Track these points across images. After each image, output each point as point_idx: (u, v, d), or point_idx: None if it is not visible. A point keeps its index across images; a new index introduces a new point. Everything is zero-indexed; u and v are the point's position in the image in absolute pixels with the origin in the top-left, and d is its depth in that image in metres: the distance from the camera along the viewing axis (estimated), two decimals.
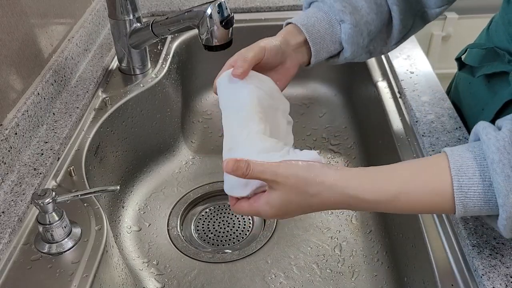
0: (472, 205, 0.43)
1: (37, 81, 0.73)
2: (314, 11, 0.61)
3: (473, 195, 0.42)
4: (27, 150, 0.67)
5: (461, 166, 0.43)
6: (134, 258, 0.78)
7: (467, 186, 0.42)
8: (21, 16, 0.70)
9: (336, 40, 0.61)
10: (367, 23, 0.61)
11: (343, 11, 0.60)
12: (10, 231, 0.55)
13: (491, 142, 0.42)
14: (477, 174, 0.42)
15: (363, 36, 0.61)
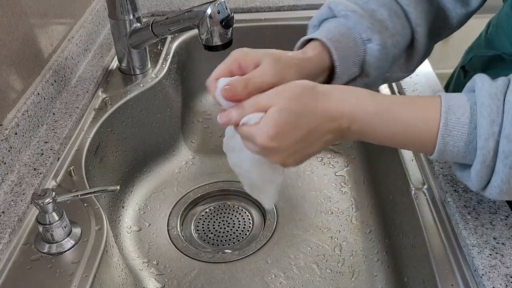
0: (452, 145, 0.44)
1: (37, 81, 0.73)
2: (335, 26, 0.54)
3: (456, 134, 0.43)
4: (27, 150, 0.67)
5: (452, 105, 0.44)
6: (134, 258, 0.78)
7: (453, 125, 0.43)
8: (21, 16, 0.70)
9: (357, 63, 0.55)
10: (393, 45, 0.55)
11: (371, 28, 0.53)
12: (10, 231, 0.55)
13: (485, 88, 0.43)
14: (465, 115, 0.43)
15: (388, 61, 0.56)
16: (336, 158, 0.95)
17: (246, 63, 0.48)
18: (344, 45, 0.53)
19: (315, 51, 0.53)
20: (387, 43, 0.54)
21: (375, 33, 0.53)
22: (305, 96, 0.44)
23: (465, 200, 0.56)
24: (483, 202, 0.56)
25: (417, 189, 0.63)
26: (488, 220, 0.54)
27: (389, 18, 0.54)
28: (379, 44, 0.53)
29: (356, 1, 0.56)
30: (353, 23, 0.54)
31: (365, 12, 0.54)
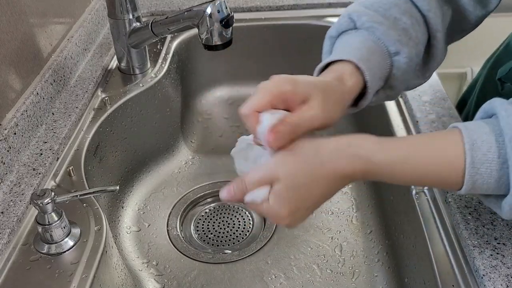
0: (481, 182, 0.41)
1: (36, 80, 0.73)
2: (361, 41, 0.50)
3: (485, 171, 0.40)
4: (26, 150, 0.67)
5: (475, 140, 0.40)
6: (133, 258, 0.77)
7: (480, 162, 0.40)
8: (20, 16, 0.70)
9: (383, 77, 0.51)
10: (417, 55, 0.52)
11: (399, 41, 0.50)
12: (9, 232, 0.55)
13: (511, 118, 0.40)
14: (492, 150, 0.40)
15: (412, 71, 0.53)
16: None
17: (293, 97, 0.44)
18: (373, 63, 0.49)
19: (353, 78, 0.48)
20: (412, 54, 0.51)
21: (403, 45, 0.50)
22: (309, 164, 0.42)
23: (466, 201, 0.56)
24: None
25: (418, 189, 0.63)
26: (489, 220, 0.54)
27: (412, 27, 0.51)
28: (407, 57, 0.50)
29: (377, 9, 0.52)
30: (380, 36, 0.50)
31: (391, 22, 0.51)
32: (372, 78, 0.49)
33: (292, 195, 0.42)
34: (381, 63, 0.50)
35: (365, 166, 0.42)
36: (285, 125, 0.42)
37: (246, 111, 0.44)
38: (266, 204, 0.42)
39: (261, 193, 0.42)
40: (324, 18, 1.01)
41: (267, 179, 0.42)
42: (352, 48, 0.49)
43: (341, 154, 0.42)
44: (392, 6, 0.52)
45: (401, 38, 0.50)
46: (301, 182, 0.42)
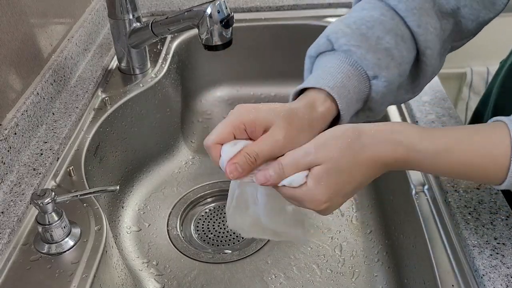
0: None
1: (36, 81, 0.73)
2: (337, 65, 0.48)
3: None
4: (27, 150, 0.67)
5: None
6: (133, 258, 0.77)
7: None
8: (20, 16, 0.70)
9: (360, 99, 0.49)
10: (400, 75, 0.50)
11: (378, 64, 0.48)
12: (9, 231, 0.55)
13: None
14: None
15: (393, 92, 0.51)
16: None
17: (253, 127, 0.44)
18: (348, 88, 0.48)
19: (325, 104, 0.47)
20: (393, 76, 0.49)
21: (382, 69, 0.48)
22: (352, 149, 0.41)
23: (466, 200, 0.56)
24: (484, 202, 0.56)
25: (418, 189, 0.63)
26: (488, 220, 0.54)
27: (395, 46, 0.49)
28: (386, 80, 0.48)
29: (359, 27, 0.50)
30: (358, 59, 0.48)
31: (370, 44, 0.49)
32: (346, 104, 0.47)
33: (333, 180, 0.41)
34: (358, 86, 0.48)
35: (407, 153, 0.41)
36: (242, 156, 0.42)
37: (208, 144, 0.45)
38: (305, 188, 0.41)
39: (300, 176, 0.41)
40: (324, 19, 1.01)
41: (306, 163, 0.41)
42: (327, 73, 0.48)
43: (384, 140, 0.42)
44: (376, 24, 0.50)
45: (380, 61, 0.48)
46: (343, 166, 0.41)
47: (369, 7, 0.52)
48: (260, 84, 1.06)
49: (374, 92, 0.49)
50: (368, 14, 0.51)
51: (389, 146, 0.42)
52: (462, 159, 0.42)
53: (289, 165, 0.42)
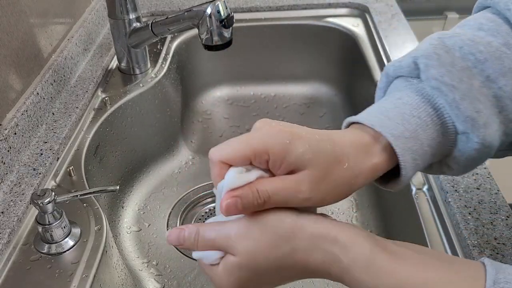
0: None
1: (36, 80, 0.73)
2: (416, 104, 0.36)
3: None
4: (27, 150, 0.67)
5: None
6: (133, 258, 0.77)
7: None
8: (20, 16, 0.70)
9: (438, 154, 0.37)
10: (507, 134, 0.37)
11: (474, 119, 0.34)
12: (9, 231, 0.55)
13: None
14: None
15: (488, 156, 0.38)
16: None
17: (280, 163, 0.33)
18: (422, 140, 0.35)
19: (382, 156, 0.35)
20: (493, 137, 0.35)
21: (478, 126, 0.35)
22: (277, 249, 0.33)
23: (466, 200, 0.56)
24: (484, 202, 0.56)
25: (418, 189, 0.63)
26: (488, 220, 0.54)
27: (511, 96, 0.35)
28: (480, 142, 0.35)
29: (465, 55, 0.36)
30: (446, 105, 0.35)
31: (473, 86, 0.35)
32: (412, 160, 0.35)
33: (244, 275, 0.34)
34: (437, 139, 0.36)
35: (342, 274, 0.32)
36: (250, 192, 0.33)
37: (213, 158, 0.36)
38: (214, 269, 0.36)
39: (212, 256, 0.36)
40: (323, 19, 1.01)
41: (222, 246, 0.35)
42: (398, 114, 0.36)
43: (319, 247, 0.32)
44: (492, 58, 0.35)
45: (479, 114, 0.34)
46: (261, 267, 0.33)
47: (490, 27, 0.37)
48: (260, 84, 1.06)
49: (458, 152, 0.36)
50: (485, 38, 0.36)
51: (322, 256, 0.32)
52: None
53: (204, 240, 0.35)
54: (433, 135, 0.35)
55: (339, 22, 1.00)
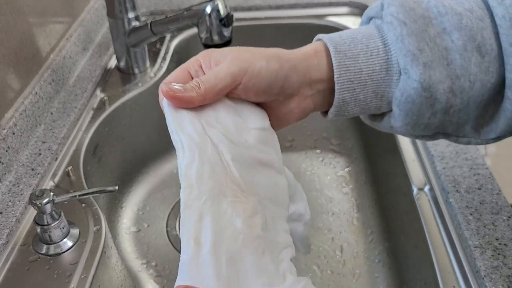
0: None
1: (35, 80, 0.72)
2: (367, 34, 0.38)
3: None
4: (25, 150, 0.66)
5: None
6: (132, 259, 0.77)
7: None
8: (19, 15, 0.69)
9: (384, 95, 0.38)
10: (452, 93, 0.36)
11: (415, 56, 0.35)
12: (7, 232, 0.55)
13: None
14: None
15: (433, 109, 0.37)
16: (337, 158, 0.95)
17: (207, 63, 0.38)
18: (360, 65, 0.37)
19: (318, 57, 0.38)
20: (435, 82, 0.35)
21: (418, 64, 0.35)
22: None
23: (467, 201, 0.56)
24: (485, 202, 0.56)
25: (419, 190, 0.62)
26: (490, 220, 0.53)
27: (461, 52, 0.35)
28: (418, 81, 0.35)
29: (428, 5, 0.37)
30: (393, 38, 0.36)
31: (425, 32, 0.36)
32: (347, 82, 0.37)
33: None
34: (379, 73, 0.37)
35: None
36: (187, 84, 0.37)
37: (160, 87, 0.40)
38: None
39: None
40: (324, 18, 1.01)
41: None
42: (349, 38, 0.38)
43: None
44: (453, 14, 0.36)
45: (422, 54, 0.35)
46: None
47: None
48: None
49: (399, 91, 0.36)
50: (454, 1, 0.37)
51: None
52: None
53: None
54: (375, 67, 0.37)
55: (339, 21, 1.00)
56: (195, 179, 0.33)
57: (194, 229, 0.32)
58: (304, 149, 0.97)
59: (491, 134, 0.39)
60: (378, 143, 0.84)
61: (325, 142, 0.98)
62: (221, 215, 0.32)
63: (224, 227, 0.32)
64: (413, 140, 0.70)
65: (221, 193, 0.33)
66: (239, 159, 0.35)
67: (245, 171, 0.35)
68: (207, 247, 0.31)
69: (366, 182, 0.87)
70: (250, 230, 0.32)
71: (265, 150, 0.37)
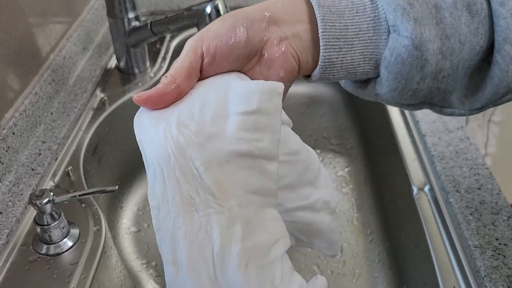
0: None
1: (35, 80, 0.72)
2: None
3: None
4: (25, 150, 0.66)
5: None
6: (132, 259, 0.77)
7: None
8: (19, 15, 0.69)
9: (372, 58, 0.35)
10: (442, 54, 0.34)
11: (405, 10, 0.33)
12: (7, 232, 0.55)
13: None
14: None
15: (423, 73, 0.34)
16: (337, 158, 0.95)
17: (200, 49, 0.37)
18: (346, 23, 0.34)
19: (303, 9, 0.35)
20: (425, 40, 0.33)
21: (408, 19, 0.33)
22: None
23: (467, 201, 0.56)
24: (485, 202, 0.56)
25: (419, 190, 0.62)
26: (490, 220, 0.53)
27: (451, 10, 0.34)
28: (409, 37, 0.33)
29: None
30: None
31: None
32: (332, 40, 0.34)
33: None
34: (366, 33, 0.34)
35: None
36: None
37: None
38: None
39: None
40: None
41: None
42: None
43: None
44: None
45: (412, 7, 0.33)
46: None
47: None
48: None
49: (388, 51, 0.34)
50: None
51: None
52: None
53: None
54: (362, 25, 0.34)
55: None
56: (160, 197, 0.31)
57: (170, 251, 0.31)
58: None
59: (476, 104, 0.38)
60: (378, 143, 0.84)
61: (325, 142, 0.98)
62: (195, 232, 0.30)
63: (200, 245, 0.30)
64: (413, 140, 0.70)
65: (191, 207, 0.30)
66: (213, 159, 0.31)
67: (221, 172, 0.31)
68: (184, 269, 0.30)
69: (366, 182, 0.87)
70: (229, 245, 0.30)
71: (250, 138, 0.32)
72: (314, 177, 0.40)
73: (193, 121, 0.32)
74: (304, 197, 0.40)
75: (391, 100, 0.37)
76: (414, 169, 0.65)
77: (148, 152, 0.34)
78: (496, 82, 0.35)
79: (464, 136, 0.65)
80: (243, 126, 0.32)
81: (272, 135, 0.33)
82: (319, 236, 0.43)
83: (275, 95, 0.32)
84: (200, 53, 0.34)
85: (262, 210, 0.33)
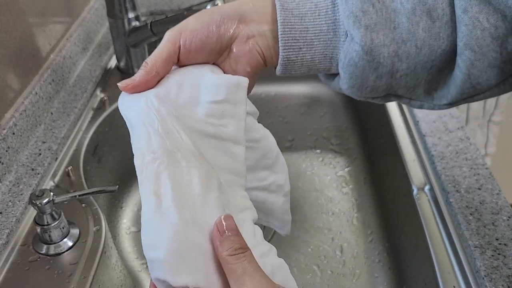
0: None
1: (35, 80, 0.72)
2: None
3: None
4: (25, 150, 0.66)
5: None
6: (132, 259, 0.77)
7: None
8: (19, 15, 0.69)
9: (332, 57, 0.38)
10: (398, 57, 0.35)
11: (357, 17, 0.35)
12: (8, 232, 0.55)
13: None
14: None
15: (378, 73, 0.36)
16: (337, 158, 0.95)
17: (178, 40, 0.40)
18: (307, 25, 0.37)
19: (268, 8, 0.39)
20: (377, 46, 0.35)
21: (359, 26, 0.34)
22: None
23: (467, 201, 0.56)
24: (485, 202, 0.56)
25: (419, 190, 0.62)
26: (490, 220, 0.53)
27: (409, 16, 0.34)
28: (359, 44, 0.35)
29: None
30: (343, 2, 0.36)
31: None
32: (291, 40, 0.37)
33: None
34: (326, 34, 0.37)
35: None
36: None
37: None
38: None
39: None
40: None
41: None
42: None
43: None
44: None
45: (364, 14, 0.35)
46: None
47: None
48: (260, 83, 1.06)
49: (343, 53, 0.36)
50: None
51: None
52: None
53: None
54: (322, 27, 0.37)
55: None
56: (145, 148, 0.34)
57: (154, 185, 0.33)
58: (304, 149, 0.97)
59: (443, 100, 0.39)
60: (378, 143, 0.84)
61: (325, 142, 0.98)
62: (178, 175, 0.33)
63: (183, 186, 0.32)
64: (413, 140, 0.70)
65: (174, 158, 0.33)
66: (189, 129, 0.35)
67: (197, 141, 0.35)
68: (168, 198, 0.32)
69: (366, 182, 0.87)
70: (208, 192, 0.33)
71: (217, 123, 0.37)
72: (271, 163, 0.44)
73: (169, 100, 0.36)
74: (261, 179, 0.44)
75: (353, 95, 0.40)
76: (414, 169, 0.65)
77: (133, 118, 0.37)
78: (459, 83, 0.36)
79: (464, 136, 0.65)
80: (211, 113, 0.37)
81: (238, 122, 0.37)
82: (273, 215, 0.47)
83: (240, 88, 0.38)
84: (178, 45, 0.38)
85: (232, 186, 0.36)
